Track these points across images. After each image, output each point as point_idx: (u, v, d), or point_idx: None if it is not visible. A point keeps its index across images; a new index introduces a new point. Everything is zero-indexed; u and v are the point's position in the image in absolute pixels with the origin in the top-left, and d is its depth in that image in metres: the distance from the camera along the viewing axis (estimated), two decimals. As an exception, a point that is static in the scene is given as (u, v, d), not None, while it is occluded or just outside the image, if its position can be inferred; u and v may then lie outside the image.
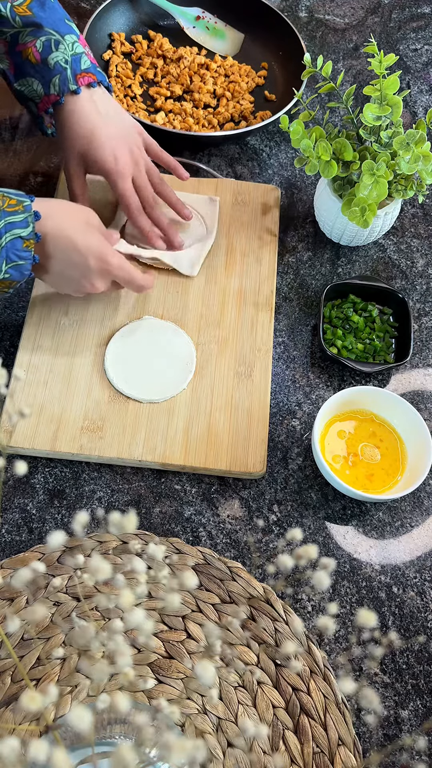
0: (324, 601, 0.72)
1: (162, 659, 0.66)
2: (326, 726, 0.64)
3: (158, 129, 0.94)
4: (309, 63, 0.82)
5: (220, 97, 1.04)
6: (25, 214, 0.69)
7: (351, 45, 1.13)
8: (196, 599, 0.69)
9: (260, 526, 0.75)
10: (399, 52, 1.13)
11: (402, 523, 0.76)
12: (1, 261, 0.69)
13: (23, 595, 0.68)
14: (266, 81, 1.07)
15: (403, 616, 0.72)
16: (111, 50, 1.06)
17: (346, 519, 0.76)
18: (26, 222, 0.69)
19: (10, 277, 0.71)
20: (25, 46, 0.77)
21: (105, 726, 0.60)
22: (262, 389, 0.81)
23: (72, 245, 0.72)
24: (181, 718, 0.63)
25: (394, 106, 0.79)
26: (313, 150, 0.82)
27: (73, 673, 0.65)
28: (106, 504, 0.75)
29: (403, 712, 0.67)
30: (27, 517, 0.74)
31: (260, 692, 0.65)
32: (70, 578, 0.69)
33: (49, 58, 0.76)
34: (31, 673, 0.65)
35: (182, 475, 0.77)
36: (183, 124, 0.99)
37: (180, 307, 0.85)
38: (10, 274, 0.70)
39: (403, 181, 0.82)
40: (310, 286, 0.90)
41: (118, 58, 1.05)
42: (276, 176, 0.99)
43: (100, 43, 1.05)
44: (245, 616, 0.68)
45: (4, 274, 0.70)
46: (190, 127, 0.99)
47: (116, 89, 1.02)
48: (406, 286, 0.91)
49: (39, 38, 0.76)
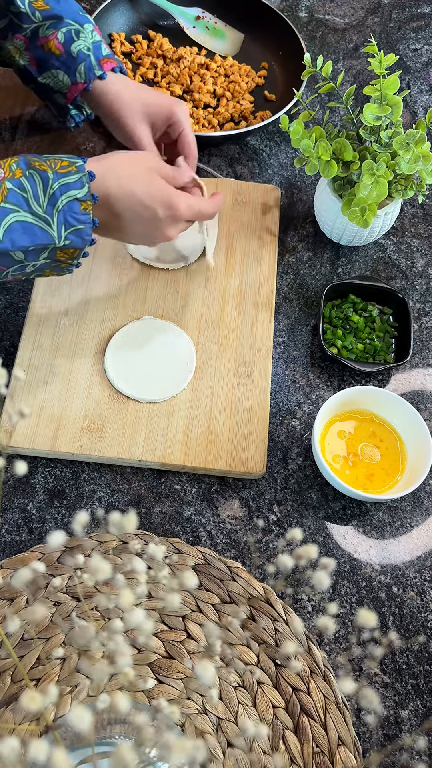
0: (324, 601, 0.72)
1: (162, 659, 0.66)
2: (326, 726, 0.64)
3: None
4: (309, 63, 0.82)
5: (220, 97, 1.04)
6: (78, 175, 0.66)
7: (351, 45, 1.13)
8: (196, 599, 0.69)
9: (260, 526, 0.75)
10: (399, 52, 1.13)
11: (402, 523, 0.76)
12: (60, 226, 0.66)
13: (23, 595, 0.68)
14: (266, 81, 1.07)
15: (403, 616, 0.72)
16: (111, 50, 1.06)
17: (346, 519, 0.76)
18: (81, 182, 0.66)
19: (71, 244, 0.67)
20: (47, 39, 0.79)
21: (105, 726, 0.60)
22: (262, 389, 0.81)
23: (137, 200, 0.69)
24: (181, 718, 0.63)
25: (394, 106, 0.79)
26: (313, 150, 0.82)
27: (73, 673, 0.65)
28: (106, 504, 0.75)
29: (403, 712, 0.67)
30: (27, 517, 0.74)
31: (260, 692, 0.65)
32: (70, 578, 0.69)
33: (72, 48, 0.78)
34: (31, 673, 0.65)
35: (182, 475, 0.77)
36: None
37: (180, 307, 0.85)
38: (71, 240, 0.67)
39: (403, 181, 0.82)
40: (310, 286, 0.90)
41: (119, 58, 1.05)
42: (276, 176, 0.99)
43: (100, 43, 1.05)
44: (245, 616, 0.68)
45: (64, 241, 0.66)
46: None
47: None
48: (406, 286, 0.91)
49: (60, 30, 0.78)
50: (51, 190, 0.65)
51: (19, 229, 0.64)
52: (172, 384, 0.80)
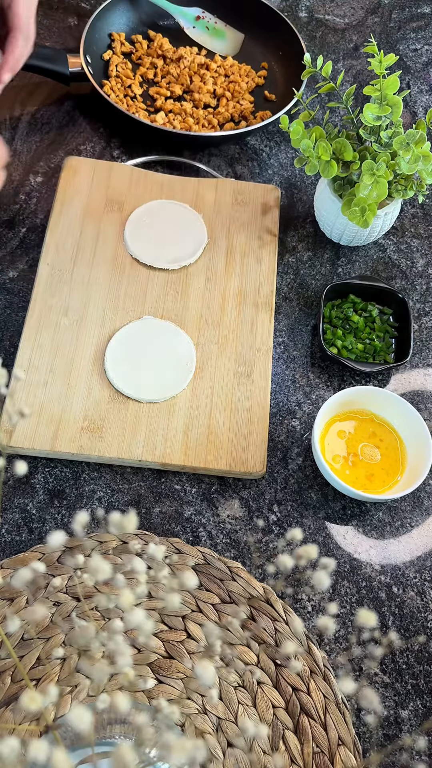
0: (324, 601, 0.72)
1: (162, 659, 0.66)
2: (326, 726, 0.64)
3: (158, 129, 0.94)
4: (309, 63, 0.82)
5: (220, 97, 1.04)
6: None
7: (351, 45, 1.13)
8: (196, 599, 0.69)
9: (260, 526, 0.75)
10: (399, 52, 1.13)
11: (402, 523, 0.76)
12: None
13: (23, 595, 0.68)
14: (266, 81, 1.07)
15: (403, 616, 0.72)
16: (111, 50, 1.06)
17: (346, 519, 0.76)
18: None
19: None
20: None
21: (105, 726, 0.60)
22: (262, 389, 0.81)
23: None
24: (181, 718, 0.63)
25: (394, 106, 0.79)
26: (313, 150, 0.82)
27: (73, 673, 0.65)
28: (106, 504, 0.75)
29: (403, 712, 0.67)
30: (27, 517, 0.74)
31: (260, 692, 0.65)
32: (70, 578, 0.69)
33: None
34: (31, 673, 0.65)
35: (182, 475, 0.77)
36: (183, 124, 0.99)
37: (180, 307, 0.85)
38: None
39: (403, 181, 0.82)
40: (310, 286, 0.90)
41: (118, 58, 1.05)
42: (276, 176, 0.99)
43: (100, 43, 1.05)
44: (245, 616, 0.68)
45: None
46: (190, 127, 0.99)
47: (116, 89, 1.02)
48: (406, 286, 0.91)
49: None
50: None
51: None
52: (172, 384, 0.80)
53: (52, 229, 0.88)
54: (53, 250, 0.87)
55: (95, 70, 1.02)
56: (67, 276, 0.86)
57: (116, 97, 1.01)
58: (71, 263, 0.87)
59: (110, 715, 0.57)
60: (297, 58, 1.00)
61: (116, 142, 0.99)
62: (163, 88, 1.04)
